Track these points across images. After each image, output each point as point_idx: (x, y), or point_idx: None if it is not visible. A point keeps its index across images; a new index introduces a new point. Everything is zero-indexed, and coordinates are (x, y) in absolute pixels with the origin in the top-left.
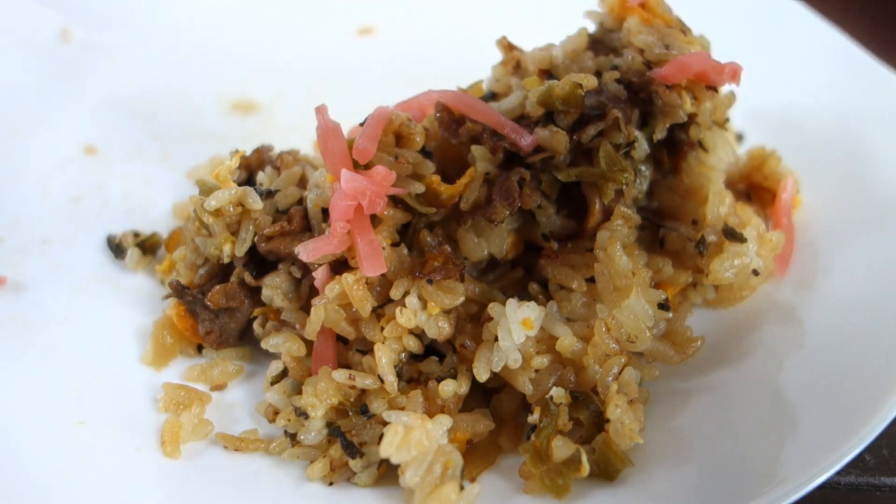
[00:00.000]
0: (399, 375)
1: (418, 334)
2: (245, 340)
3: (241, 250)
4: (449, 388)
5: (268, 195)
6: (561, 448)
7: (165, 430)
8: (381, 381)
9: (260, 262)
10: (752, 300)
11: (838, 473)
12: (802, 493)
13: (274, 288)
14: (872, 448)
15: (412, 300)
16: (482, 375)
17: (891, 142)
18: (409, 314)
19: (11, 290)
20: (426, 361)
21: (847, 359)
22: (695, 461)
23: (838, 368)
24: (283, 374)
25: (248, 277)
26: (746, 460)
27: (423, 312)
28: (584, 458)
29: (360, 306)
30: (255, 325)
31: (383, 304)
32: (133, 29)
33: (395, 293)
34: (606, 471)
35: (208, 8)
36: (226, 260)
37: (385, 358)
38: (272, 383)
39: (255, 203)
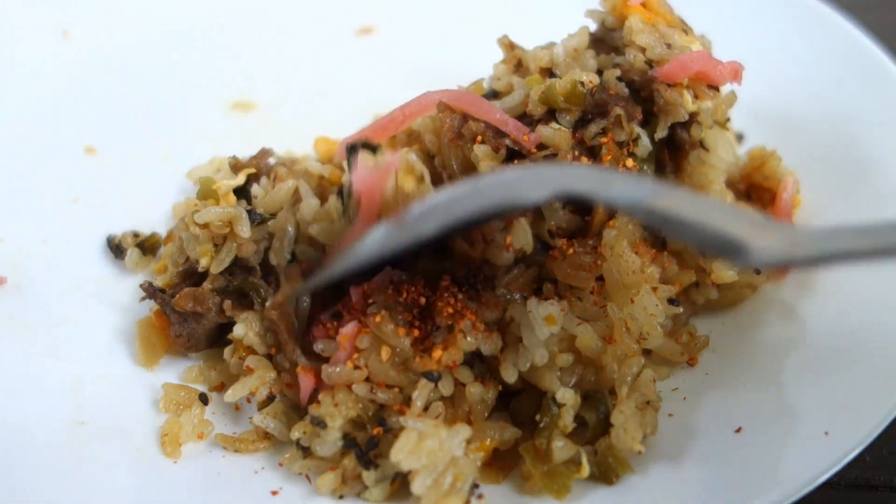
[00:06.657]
0: None
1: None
2: (224, 342)
3: (216, 268)
4: (476, 392)
5: (261, 222)
6: (561, 449)
7: (165, 430)
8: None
9: (240, 292)
10: (753, 300)
11: (838, 473)
12: (802, 493)
13: (248, 325)
14: (872, 448)
15: (465, 323)
16: (510, 377)
17: (892, 141)
18: (462, 339)
19: (11, 290)
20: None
21: (847, 358)
22: (696, 462)
23: (838, 368)
24: (270, 399)
25: (227, 306)
26: (747, 461)
27: (474, 332)
28: (585, 458)
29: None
30: (226, 351)
31: (425, 337)
32: (133, 29)
33: (439, 319)
34: (606, 474)
35: (208, 8)
36: (201, 269)
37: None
38: (260, 408)
39: (244, 231)
